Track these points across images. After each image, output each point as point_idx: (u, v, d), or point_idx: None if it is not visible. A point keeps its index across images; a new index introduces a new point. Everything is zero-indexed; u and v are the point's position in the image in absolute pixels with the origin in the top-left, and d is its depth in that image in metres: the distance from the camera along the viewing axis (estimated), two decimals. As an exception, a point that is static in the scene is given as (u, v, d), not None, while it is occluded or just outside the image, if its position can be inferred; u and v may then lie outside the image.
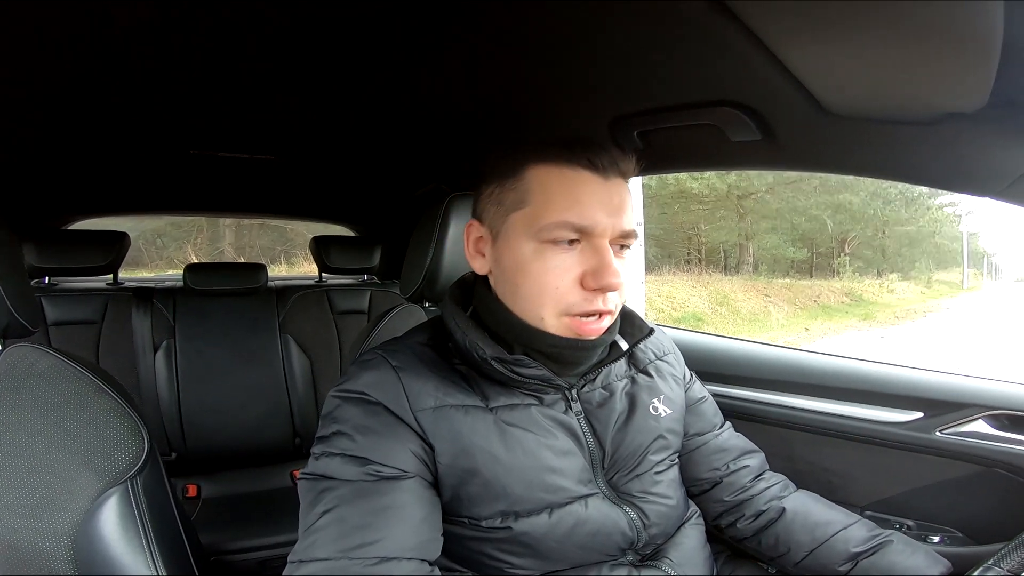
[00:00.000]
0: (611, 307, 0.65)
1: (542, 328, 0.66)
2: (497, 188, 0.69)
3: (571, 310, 0.64)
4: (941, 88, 0.58)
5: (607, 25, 0.65)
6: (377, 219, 2.10)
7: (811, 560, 0.77)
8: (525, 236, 0.65)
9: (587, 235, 0.64)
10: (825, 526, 0.78)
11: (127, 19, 0.66)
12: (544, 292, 0.64)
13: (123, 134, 1.11)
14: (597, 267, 0.63)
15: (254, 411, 1.76)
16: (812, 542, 0.77)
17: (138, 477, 0.76)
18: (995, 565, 0.59)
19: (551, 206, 0.64)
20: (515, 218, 0.66)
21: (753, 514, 0.82)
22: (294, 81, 0.87)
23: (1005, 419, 0.94)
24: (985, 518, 0.95)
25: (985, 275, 21.22)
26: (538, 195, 0.65)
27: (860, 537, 0.77)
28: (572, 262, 0.64)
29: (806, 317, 11.12)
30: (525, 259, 0.65)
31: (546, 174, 0.65)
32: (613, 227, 0.64)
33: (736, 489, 0.83)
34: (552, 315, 0.65)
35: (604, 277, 0.62)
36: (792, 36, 0.56)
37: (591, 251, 0.64)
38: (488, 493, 0.65)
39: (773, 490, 0.84)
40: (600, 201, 0.64)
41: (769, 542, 0.80)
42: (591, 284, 0.63)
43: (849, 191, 14.27)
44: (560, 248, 0.64)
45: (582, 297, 0.64)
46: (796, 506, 0.82)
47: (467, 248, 0.73)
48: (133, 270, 6.84)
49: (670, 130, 0.89)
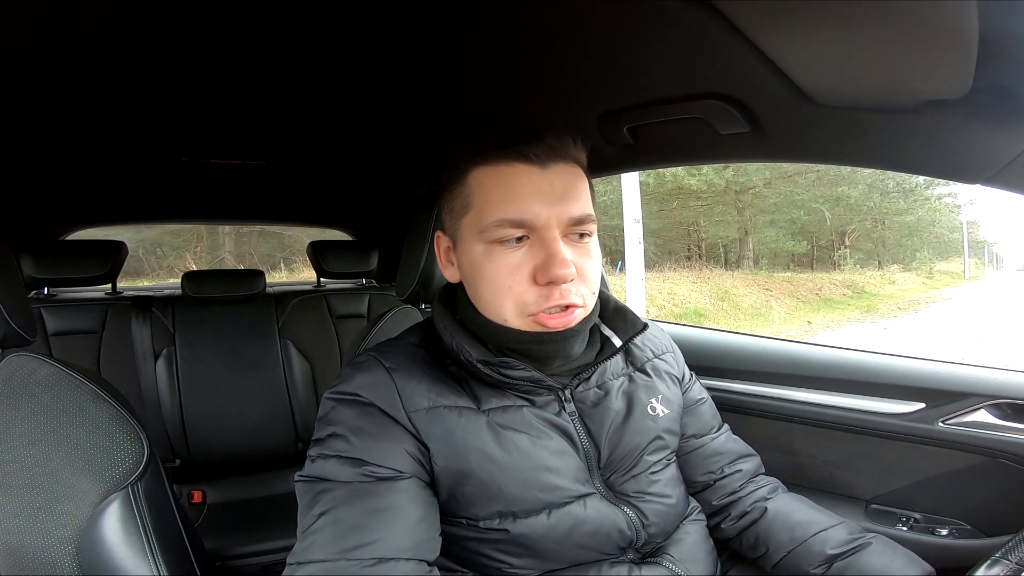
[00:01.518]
0: (573, 300, 0.64)
1: (509, 327, 0.66)
2: (448, 195, 0.70)
3: (529, 309, 0.64)
4: (922, 75, 0.58)
5: (591, 22, 0.65)
6: (373, 223, 2.11)
7: (788, 561, 0.75)
8: (474, 239, 0.65)
9: (532, 229, 0.63)
10: (805, 526, 0.76)
11: (115, 28, 0.66)
12: (500, 293, 0.64)
13: (114, 143, 1.12)
14: (544, 261, 0.62)
15: (256, 417, 1.77)
16: (791, 542, 0.75)
17: (139, 483, 0.76)
18: (1003, 558, 0.58)
19: (489, 205, 0.64)
20: (464, 223, 0.67)
21: (737, 515, 0.81)
22: (283, 86, 0.87)
23: (1007, 408, 0.93)
24: (992, 509, 0.95)
25: (987, 264, 21.20)
26: (478, 196, 0.65)
27: (839, 539, 0.74)
28: (522, 259, 0.63)
29: (808, 310, 11.11)
30: (478, 262, 0.65)
31: (483, 174, 0.65)
32: (558, 216, 0.63)
33: (726, 493, 0.82)
34: (513, 315, 0.65)
35: (551, 270, 0.61)
36: (772, 26, 0.56)
37: (539, 245, 0.63)
38: (484, 494, 0.64)
39: (761, 492, 0.83)
40: (538, 192, 0.63)
41: (749, 542, 0.79)
42: (541, 279, 0.62)
43: (847, 183, 14.28)
44: (508, 247, 0.63)
45: (538, 294, 0.63)
46: (779, 507, 0.80)
47: (440, 259, 0.74)
48: (134, 280, 6.86)
49: (659, 124, 0.89)
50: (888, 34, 0.52)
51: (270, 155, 1.29)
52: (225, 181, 1.52)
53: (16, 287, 0.83)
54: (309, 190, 1.70)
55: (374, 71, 0.82)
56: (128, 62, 0.76)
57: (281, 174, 1.46)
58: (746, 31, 0.57)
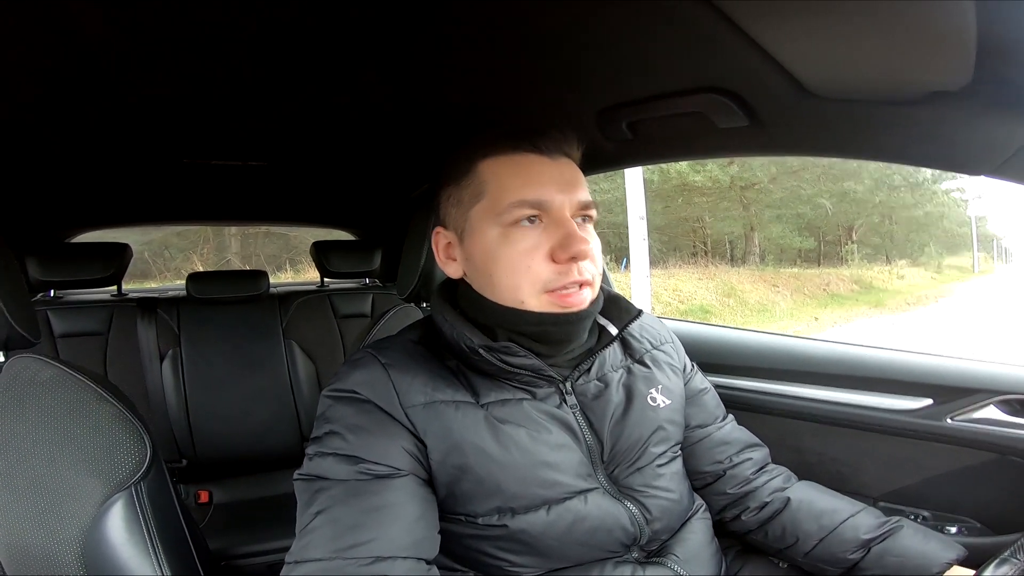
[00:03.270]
0: (587, 277, 0.67)
1: (525, 309, 0.67)
2: (454, 189, 0.72)
3: (549, 286, 0.66)
4: (921, 66, 0.57)
5: (590, 18, 0.65)
6: (376, 222, 2.11)
7: (821, 549, 0.76)
8: (488, 225, 0.67)
9: (546, 211, 0.66)
10: (832, 514, 0.77)
11: (115, 31, 0.67)
12: (517, 273, 0.66)
13: (116, 146, 1.12)
14: (563, 238, 0.65)
15: (261, 417, 1.78)
16: (820, 531, 0.76)
17: (142, 483, 0.77)
18: (1012, 556, 0.57)
19: (506, 190, 0.67)
20: (476, 211, 0.69)
21: (757, 506, 0.81)
22: (282, 87, 0.87)
23: (1017, 404, 0.92)
24: (1002, 507, 0.94)
25: (996, 259, 21.02)
26: (492, 184, 0.68)
27: (869, 524, 0.76)
28: (538, 239, 0.66)
29: (815, 306, 11.06)
30: (493, 246, 0.67)
31: (496, 164, 0.69)
32: (570, 201, 0.67)
33: (739, 482, 0.82)
34: (531, 295, 0.66)
35: (572, 245, 0.64)
36: (769, 19, 0.56)
37: (554, 226, 0.66)
38: (482, 490, 0.64)
39: (776, 482, 0.83)
40: (551, 178, 0.67)
41: (776, 533, 0.79)
42: (561, 256, 0.65)
43: (853, 178, 14.19)
44: (524, 228, 0.66)
45: (556, 271, 0.65)
46: (800, 496, 0.81)
47: (438, 256, 0.75)
48: (141, 282, 6.91)
49: (658, 119, 0.88)
50: (885, 25, 0.52)
51: (271, 156, 1.29)
52: (227, 182, 1.52)
53: (19, 290, 0.84)
54: (311, 190, 1.70)
55: (372, 69, 0.81)
56: (128, 64, 0.76)
57: (283, 175, 1.47)
58: (743, 24, 0.57)
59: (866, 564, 0.73)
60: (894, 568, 0.72)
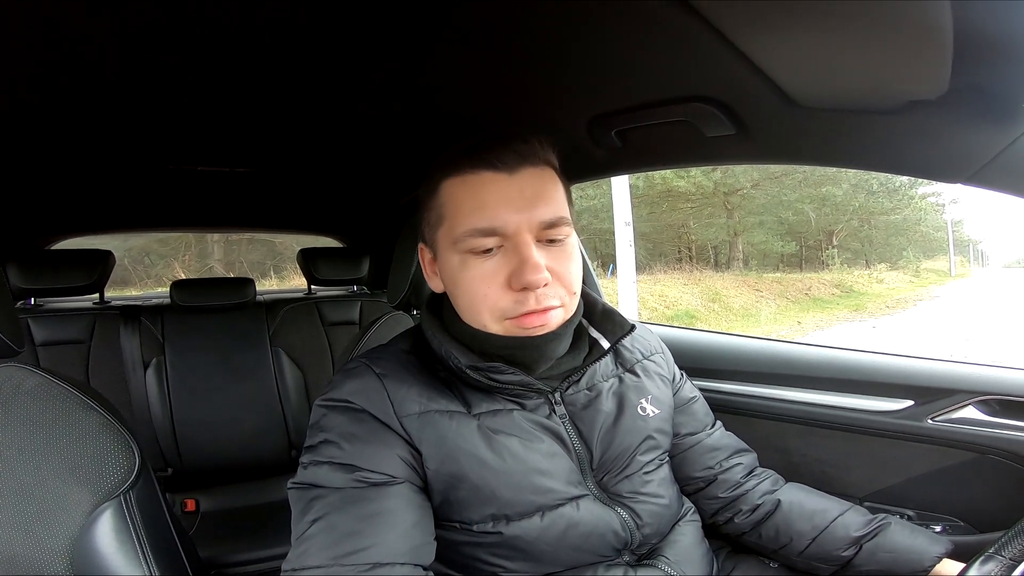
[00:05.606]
0: (550, 303, 0.64)
1: (489, 333, 0.66)
2: (425, 209, 0.71)
3: (507, 314, 0.64)
4: (900, 75, 0.59)
5: (579, 28, 0.66)
6: (364, 230, 2.10)
7: (815, 547, 0.78)
8: (449, 250, 0.66)
9: (503, 236, 0.63)
10: (823, 514, 0.80)
11: (100, 35, 0.66)
12: (476, 301, 0.65)
13: (100, 151, 1.11)
14: (516, 267, 0.62)
15: (248, 425, 1.76)
16: (813, 530, 0.78)
17: (131, 492, 0.76)
18: (996, 553, 0.58)
19: (460, 216, 0.64)
20: (440, 235, 0.68)
21: (749, 508, 0.83)
22: (270, 92, 0.87)
23: (995, 404, 0.94)
24: (984, 505, 0.95)
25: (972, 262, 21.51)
26: (449, 207, 0.66)
27: (858, 522, 0.78)
28: (496, 267, 0.64)
29: (798, 310, 11.21)
30: (455, 272, 0.66)
31: (453, 185, 0.66)
32: (529, 221, 0.63)
33: (730, 486, 0.84)
34: (492, 321, 0.65)
35: (523, 275, 0.61)
36: (753, 30, 0.57)
37: (512, 251, 0.63)
38: (477, 497, 0.65)
39: (765, 484, 0.85)
40: (507, 199, 0.63)
41: (770, 534, 0.81)
42: (514, 285, 0.63)
43: (832, 183, 14.44)
44: (481, 257, 0.64)
45: (513, 300, 0.63)
46: (791, 497, 0.83)
47: (424, 270, 0.75)
48: (121, 289, 6.78)
49: (647, 128, 0.90)
50: (865, 35, 0.53)
51: (258, 162, 1.29)
52: (213, 188, 1.51)
53: (3, 297, 0.83)
54: (298, 197, 1.69)
55: (362, 76, 0.82)
56: (113, 68, 0.75)
57: (269, 181, 1.46)
58: (729, 35, 0.58)
59: (859, 561, 0.75)
60: (887, 564, 0.74)
